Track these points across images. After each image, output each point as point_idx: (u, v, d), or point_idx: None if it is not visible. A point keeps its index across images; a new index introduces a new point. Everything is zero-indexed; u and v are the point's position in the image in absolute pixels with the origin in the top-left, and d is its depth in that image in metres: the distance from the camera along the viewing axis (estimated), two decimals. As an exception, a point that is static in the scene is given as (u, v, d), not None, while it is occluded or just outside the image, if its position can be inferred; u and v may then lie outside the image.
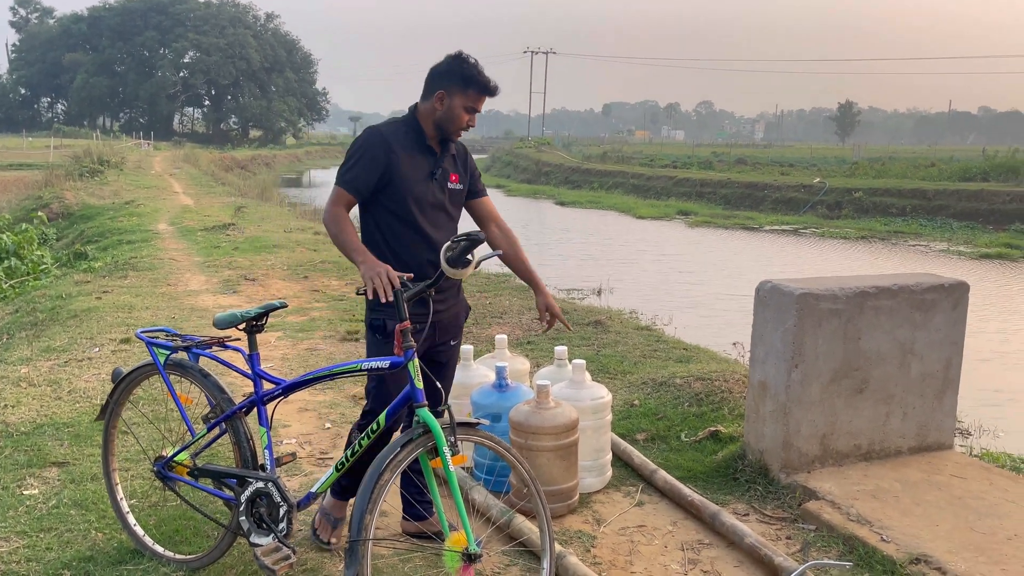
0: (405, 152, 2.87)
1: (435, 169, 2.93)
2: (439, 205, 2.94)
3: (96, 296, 7.89)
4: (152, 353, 2.90)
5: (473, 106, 2.87)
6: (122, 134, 59.97)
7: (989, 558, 2.94)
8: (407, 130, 2.91)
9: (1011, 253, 17.37)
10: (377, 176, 2.83)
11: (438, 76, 2.88)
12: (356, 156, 2.84)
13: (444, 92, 2.86)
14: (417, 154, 2.90)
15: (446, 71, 2.86)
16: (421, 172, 2.90)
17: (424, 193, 2.90)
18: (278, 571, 2.50)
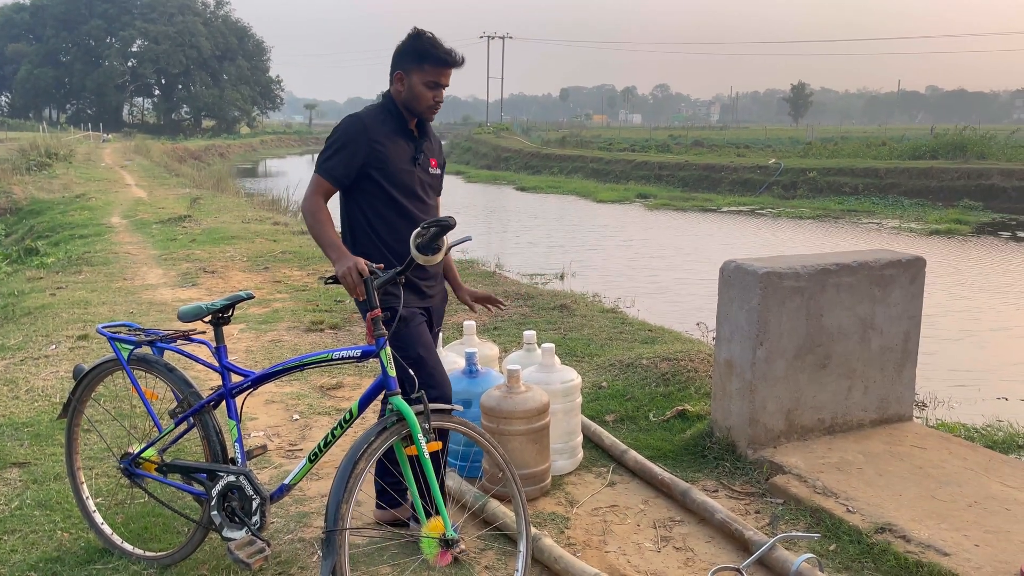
0: (387, 138, 2.84)
1: (417, 154, 2.92)
2: (423, 188, 2.94)
3: (50, 292, 7.70)
4: (115, 348, 2.84)
5: (435, 80, 2.81)
6: (69, 126, 58.36)
7: (951, 525, 3.03)
8: (386, 115, 2.87)
9: (960, 228, 17.83)
10: (359, 164, 2.80)
11: (396, 57, 2.85)
12: (337, 144, 2.80)
13: (402, 72, 2.83)
14: (399, 139, 2.88)
15: (401, 51, 2.83)
16: (404, 157, 2.88)
17: (408, 178, 2.89)
18: (253, 564, 2.47)
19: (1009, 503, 3.20)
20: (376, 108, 2.91)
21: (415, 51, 2.79)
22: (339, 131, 2.83)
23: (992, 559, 2.78)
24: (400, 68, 2.83)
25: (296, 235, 11.78)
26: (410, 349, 2.85)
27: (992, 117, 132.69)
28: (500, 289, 7.76)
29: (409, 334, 2.88)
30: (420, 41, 2.79)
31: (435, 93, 2.84)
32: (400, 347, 2.82)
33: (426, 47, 2.78)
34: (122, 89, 69.64)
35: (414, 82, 2.81)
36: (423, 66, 2.79)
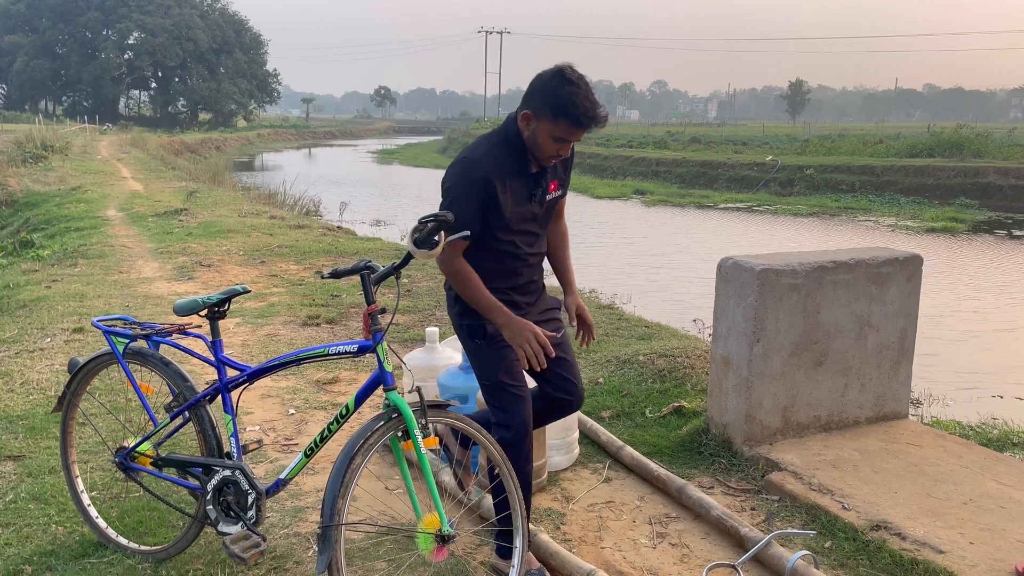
0: (504, 178, 2.55)
1: (535, 189, 2.64)
2: (535, 222, 2.69)
3: (45, 285, 7.67)
4: (110, 342, 2.83)
5: (563, 137, 2.48)
6: (66, 118, 58.23)
7: (946, 522, 3.03)
8: (507, 151, 2.56)
9: (956, 227, 17.87)
10: (480, 212, 2.55)
11: (531, 92, 2.49)
12: (456, 194, 2.52)
13: (531, 113, 2.49)
14: (517, 178, 2.59)
15: (540, 90, 2.47)
16: (520, 196, 2.61)
17: (521, 216, 2.63)
18: (248, 559, 2.47)
19: (1004, 501, 3.21)
20: (495, 143, 2.57)
21: (555, 101, 2.43)
22: (456, 179, 2.53)
23: (987, 557, 2.79)
24: (531, 108, 2.48)
25: (293, 229, 11.76)
26: (489, 372, 2.66)
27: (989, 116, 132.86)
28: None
29: (492, 356, 2.65)
30: (563, 91, 2.42)
31: (560, 147, 2.53)
32: (479, 367, 2.70)
33: (567, 101, 2.42)
34: (118, 82, 69.39)
35: (541, 130, 2.49)
36: (558, 120, 2.44)
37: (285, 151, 55.57)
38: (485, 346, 2.66)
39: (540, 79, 2.49)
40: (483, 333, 2.66)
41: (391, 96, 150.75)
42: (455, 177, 2.55)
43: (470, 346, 2.73)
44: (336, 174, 33.87)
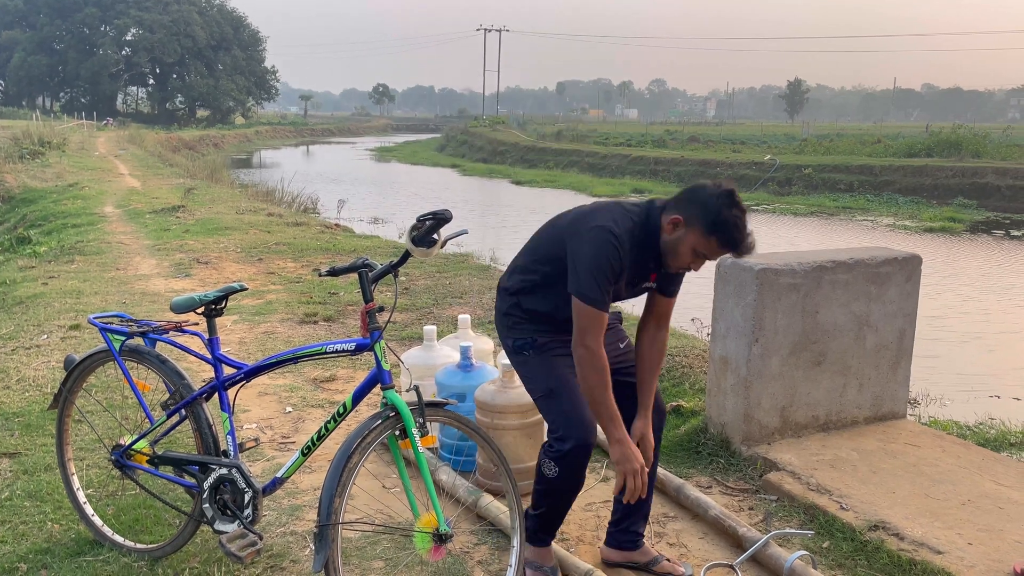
0: (633, 264, 2.47)
1: (640, 281, 2.57)
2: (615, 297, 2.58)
3: (42, 282, 7.65)
4: (106, 339, 2.82)
5: (706, 253, 2.40)
6: (63, 114, 58.06)
7: (944, 523, 3.03)
8: (642, 241, 2.45)
9: (954, 227, 17.88)
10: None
11: (689, 201, 2.40)
12: (601, 269, 2.39)
13: (682, 219, 2.39)
14: (640, 265, 2.50)
15: (701, 202, 2.37)
16: (633, 279, 2.54)
17: (618, 293, 2.54)
18: (245, 558, 2.46)
19: (1002, 501, 3.21)
20: (635, 228, 2.44)
21: (715, 218, 2.34)
22: (601, 252, 2.39)
23: (985, 557, 2.79)
24: (684, 214, 2.38)
25: (290, 227, 11.74)
26: (540, 383, 2.57)
27: (987, 116, 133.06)
28: (495, 283, 7.73)
29: (541, 364, 2.57)
30: (728, 212, 2.34)
31: (696, 262, 2.44)
32: (529, 379, 2.62)
33: (729, 223, 2.34)
34: (116, 78, 69.24)
35: (687, 239, 2.39)
36: (710, 236, 2.36)
37: (283, 148, 55.50)
38: (534, 356, 2.57)
39: (704, 192, 2.39)
40: (532, 344, 2.58)
41: (389, 93, 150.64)
42: (596, 245, 2.40)
43: (518, 360, 2.64)
44: (334, 171, 33.83)
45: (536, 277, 2.61)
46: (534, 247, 2.68)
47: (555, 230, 2.61)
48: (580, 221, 2.50)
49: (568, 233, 2.51)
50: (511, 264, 2.77)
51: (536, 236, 2.71)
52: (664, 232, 2.43)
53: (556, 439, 2.49)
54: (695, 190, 2.43)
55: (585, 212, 2.55)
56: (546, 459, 2.52)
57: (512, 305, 2.67)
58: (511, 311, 2.67)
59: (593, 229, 2.42)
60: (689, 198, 2.41)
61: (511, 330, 2.66)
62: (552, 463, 2.49)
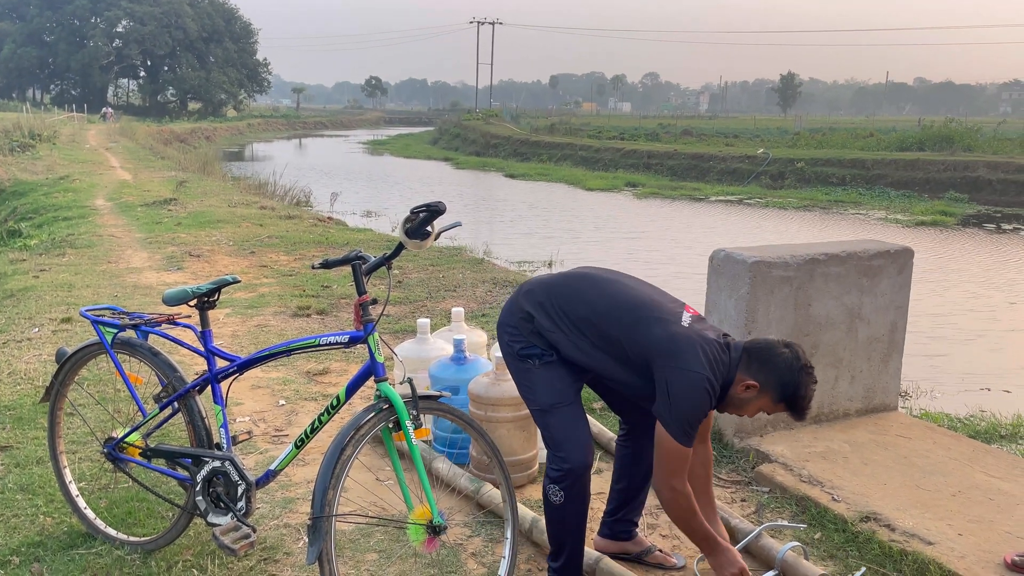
0: None
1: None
2: None
3: (33, 275, 7.61)
4: (98, 332, 2.81)
5: (769, 412, 2.47)
6: (53, 107, 57.73)
7: (935, 514, 3.05)
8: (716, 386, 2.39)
9: (945, 220, 17.95)
10: None
11: (768, 367, 2.37)
12: (698, 417, 2.36)
13: (758, 386, 2.39)
14: None
15: (781, 371, 2.36)
16: None
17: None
18: (238, 550, 2.46)
19: (992, 493, 3.23)
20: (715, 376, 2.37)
21: (793, 391, 2.36)
22: (699, 401, 2.34)
23: (975, 548, 2.81)
24: (761, 383, 2.38)
25: (283, 220, 11.71)
26: (539, 395, 2.50)
27: (979, 110, 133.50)
28: (489, 276, 7.74)
29: (545, 377, 2.48)
30: (806, 387, 2.36)
31: (753, 415, 2.50)
32: (528, 390, 2.54)
33: (803, 396, 2.37)
34: (107, 70, 68.86)
35: (757, 402, 2.41)
36: (779, 404, 2.41)
37: (275, 141, 55.29)
38: (539, 368, 2.48)
39: (783, 360, 2.37)
40: (540, 356, 2.48)
41: (382, 86, 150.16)
42: (697, 394, 2.33)
43: (520, 366, 2.53)
44: (327, 165, 33.74)
45: (575, 336, 2.47)
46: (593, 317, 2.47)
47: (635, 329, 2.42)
48: (677, 354, 2.35)
49: (660, 355, 2.37)
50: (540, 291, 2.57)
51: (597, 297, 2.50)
52: (736, 390, 2.41)
53: (558, 458, 2.45)
54: (772, 356, 2.38)
55: (681, 343, 2.37)
56: (550, 485, 2.46)
57: (530, 322, 2.53)
58: (527, 325, 2.53)
59: (694, 375, 2.33)
60: (767, 365, 2.38)
61: (518, 337, 2.53)
62: (557, 488, 2.44)
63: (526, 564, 2.82)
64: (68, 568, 2.72)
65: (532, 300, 2.55)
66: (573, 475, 2.42)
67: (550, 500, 2.47)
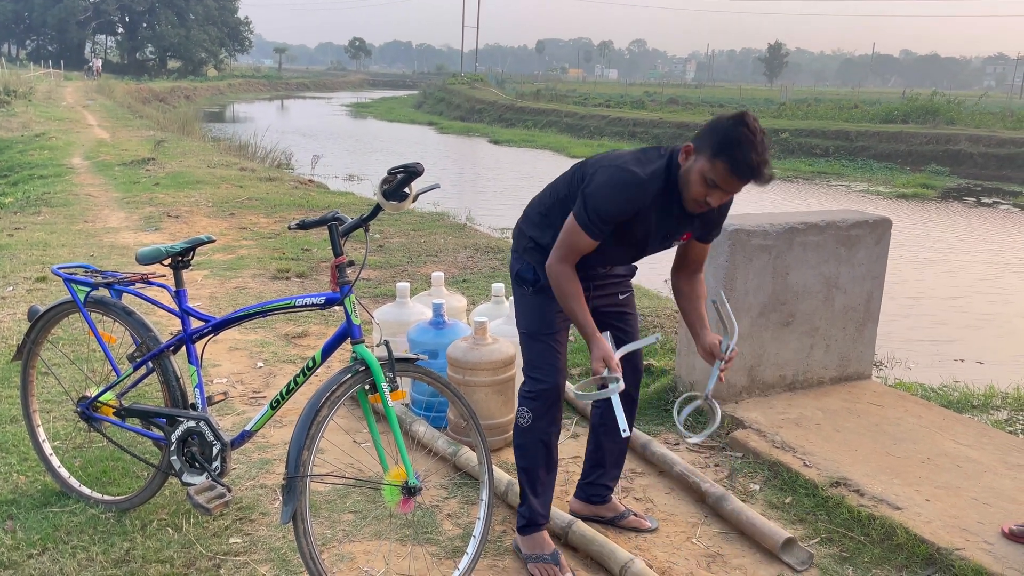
0: (651, 212, 2.38)
1: (675, 233, 2.47)
2: (640, 251, 2.54)
3: (7, 233, 7.50)
4: (71, 290, 2.77)
5: (715, 181, 2.24)
6: (30, 62, 56.46)
7: (904, 480, 3.10)
8: (664, 184, 2.35)
9: (926, 193, 18.05)
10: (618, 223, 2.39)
11: (706, 128, 2.29)
12: (607, 199, 2.33)
13: (693, 147, 2.30)
14: (666, 214, 2.40)
15: (711, 125, 2.28)
16: (660, 231, 2.45)
17: (643, 243, 2.48)
18: (213, 509, 2.46)
19: (960, 460, 3.29)
20: (659, 172, 2.35)
21: (721, 138, 2.21)
22: (614, 186, 2.33)
23: (942, 514, 2.86)
24: (696, 141, 2.29)
25: (263, 182, 11.58)
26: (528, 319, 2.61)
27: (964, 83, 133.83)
28: (471, 242, 7.71)
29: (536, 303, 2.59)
30: (735, 131, 2.19)
31: (709, 193, 2.28)
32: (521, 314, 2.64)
33: (733, 141, 2.18)
34: (84, 26, 67.25)
35: (696, 167, 2.27)
36: (715, 160, 2.22)
37: (256, 102, 54.45)
38: (532, 295, 2.59)
39: (719, 119, 2.28)
40: (533, 280, 2.57)
41: (366, 48, 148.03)
42: (612, 179, 2.34)
43: (518, 290, 2.66)
44: (309, 127, 33.32)
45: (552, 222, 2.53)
46: (554, 185, 2.62)
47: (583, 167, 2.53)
48: (608, 158, 2.44)
49: (593, 168, 2.44)
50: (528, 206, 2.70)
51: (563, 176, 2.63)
52: (682, 165, 2.32)
53: (532, 378, 2.59)
54: (713, 120, 2.31)
55: (617, 153, 2.47)
56: (521, 408, 2.60)
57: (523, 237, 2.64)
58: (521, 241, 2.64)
59: (615, 168, 2.36)
60: (706, 128, 2.30)
61: (517, 258, 2.64)
62: (527, 409, 2.57)
63: (501, 526, 2.85)
64: (42, 526, 2.72)
65: (522, 215, 2.70)
66: (545, 395, 2.56)
67: (519, 425, 2.60)
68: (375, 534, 2.78)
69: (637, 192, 2.33)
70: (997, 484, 3.10)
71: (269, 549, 2.65)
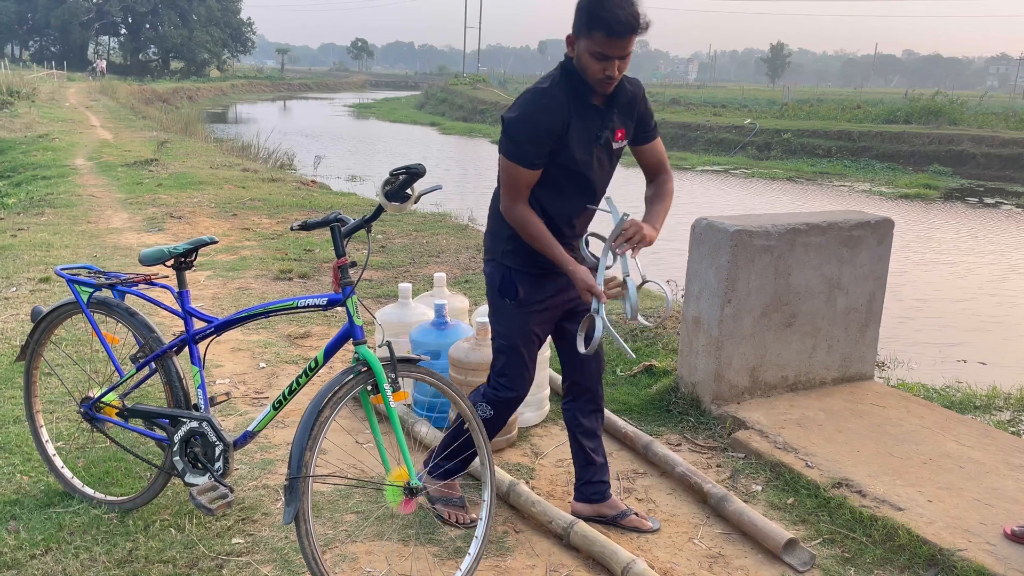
0: (572, 113, 2.41)
1: (601, 131, 2.49)
2: (599, 168, 2.54)
3: (11, 234, 7.52)
4: (74, 291, 2.78)
5: (602, 51, 2.28)
6: (32, 63, 56.59)
7: (906, 481, 3.10)
8: (570, 82, 2.41)
9: (928, 193, 18.02)
10: (550, 145, 2.41)
11: (574, 14, 2.32)
12: (527, 120, 2.39)
13: (572, 35, 2.35)
14: (584, 114, 2.44)
15: (576, 8, 2.30)
16: (585, 137, 2.47)
17: (585, 162, 2.48)
18: (215, 510, 2.46)
19: (963, 461, 3.28)
20: (558, 76, 2.42)
21: (587, 12, 2.28)
22: (526, 106, 2.39)
23: (944, 514, 2.86)
24: (574, 29, 2.34)
25: (266, 183, 11.60)
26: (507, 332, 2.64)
27: (966, 83, 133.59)
28: (473, 243, 7.72)
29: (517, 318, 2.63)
30: (593, 1, 2.27)
31: (604, 66, 2.32)
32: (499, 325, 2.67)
33: (595, 8, 2.25)
34: (87, 27, 67.33)
35: (582, 50, 2.33)
36: (592, 33, 2.28)
37: (259, 103, 54.52)
38: (512, 308, 2.61)
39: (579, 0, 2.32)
40: (514, 293, 2.60)
41: (368, 49, 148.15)
42: (521, 104, 2.40)
43: (496, 303, 2.67)
44: (311, 128, 33.34)
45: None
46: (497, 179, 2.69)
47: None
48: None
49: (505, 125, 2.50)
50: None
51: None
52: (572, 59, 2.39)
53: (502, 385, 2.69)
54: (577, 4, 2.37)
55: None
56: (483, 402, 2.72)
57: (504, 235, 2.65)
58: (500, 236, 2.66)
59: (520, 96, 2.46)
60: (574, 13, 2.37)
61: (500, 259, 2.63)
62: (489, 406, 2.71)
63: (503, 526, 2.85)
64: (45, 526, 2.72)
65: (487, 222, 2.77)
66: (509, 403, 2.71)
67: (480, 413, 2.69)
68: (377, 534, 2.78)
69: (544, 98, 2.39)
70: (1000, 485, 3.10)
71: (271, 549, 2.66)
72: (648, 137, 2.64)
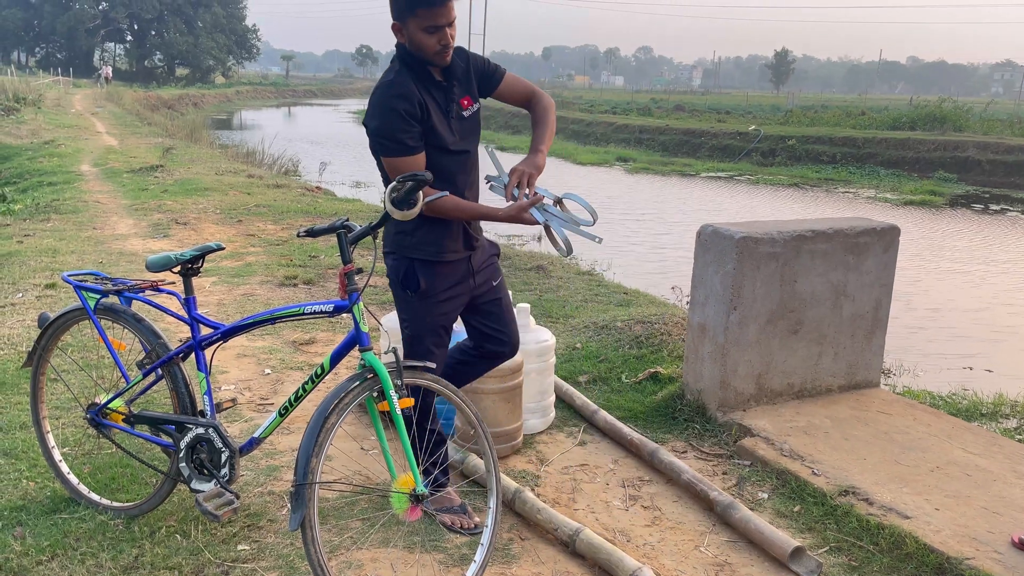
0: (427, 96, 2.52)
1: (448, 104, 2.59)
2: (459, 137, 2.63)
3: (17, 240, 7.55)
4: (81, 297, 2.79)
5: (433, 23, 2.43)
6: (39, 70, 56.87)
7: (913, 489, 3.09)
8: (410, 69, 2.53)
9: (934, 200, 18.00)
10: (419, 127, 2.49)
11: (392, 8, 2.49)
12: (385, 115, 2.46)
13: (398, 24, 2.49)
14: (432, 93, 2.55)
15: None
16: (442, 112, 2.57)
17: (447, 136, 2.57)
18: (221, 516, 2.46)
19: (970, 469, 3.27)
20: (397, 67, 2.55)
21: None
22: (379, 101, 2.48)
23: (951, 523, 2.85)
24: (396, 19, 2.48)
25: (271, 189, 11.63)
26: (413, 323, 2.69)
27: (971, 90, 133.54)
28: (477, 248, 7.70)
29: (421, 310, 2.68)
30: None
31: (439, 36, 2.46)
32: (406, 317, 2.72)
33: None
34: (93, 33, 67.68)
35: (412, 31, 2.46)
36: (415, 11, 2.42)
37: (264, 109, 54.69)
38: (415, 300, 2.67)
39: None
40: (416, 286, 2.65)
41: (373, 55, 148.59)
42: (375, 103, 2.49)
43: (400, 295, 2.71)
44: (316, 134, 33.43)
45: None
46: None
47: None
48: None
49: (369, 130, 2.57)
50: None
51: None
52: (406, 46, 2.51)
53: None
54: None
55: None
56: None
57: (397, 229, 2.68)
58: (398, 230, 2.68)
59: (370, 98, 2.53)
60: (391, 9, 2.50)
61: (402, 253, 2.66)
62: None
63: (508, 533, 2.85)
64: (51, 532, 2.72)
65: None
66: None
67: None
68: (383, 541, 2.78)
69: (394, 88, 2.47)
70: (1007, 493, 3.08)
71: (277, 556, 2.65)
72: (497, 79, 2.74)
